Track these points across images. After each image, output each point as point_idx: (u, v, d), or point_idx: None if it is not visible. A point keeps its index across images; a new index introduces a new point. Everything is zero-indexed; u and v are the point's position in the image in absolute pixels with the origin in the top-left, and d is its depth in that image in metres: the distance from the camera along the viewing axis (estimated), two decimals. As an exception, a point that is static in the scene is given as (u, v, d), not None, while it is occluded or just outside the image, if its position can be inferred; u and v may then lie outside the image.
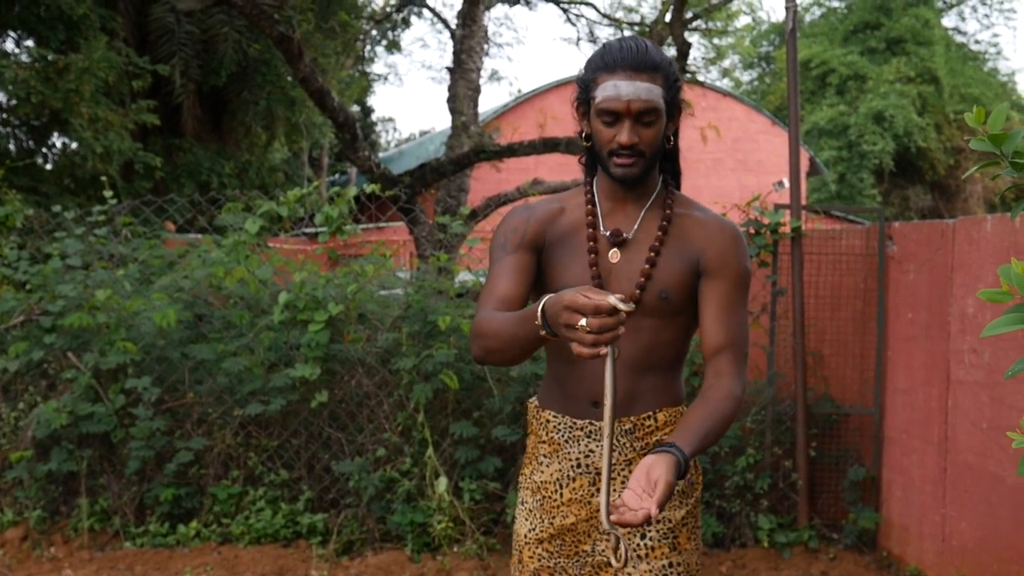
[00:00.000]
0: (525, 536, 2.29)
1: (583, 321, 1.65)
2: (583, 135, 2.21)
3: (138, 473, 5.28)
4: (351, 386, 5.36)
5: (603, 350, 1.67)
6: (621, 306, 1.64)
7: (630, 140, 2.10)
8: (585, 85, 2.17)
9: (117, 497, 5.29)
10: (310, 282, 5.37)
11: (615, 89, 2.08)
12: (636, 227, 2.21)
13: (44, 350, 5.34)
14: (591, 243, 2.20)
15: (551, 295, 1.77)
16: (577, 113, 2.23)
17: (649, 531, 2.19)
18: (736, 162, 18.97)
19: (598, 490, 2.20)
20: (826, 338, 5.60)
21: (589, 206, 2.24)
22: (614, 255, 2.20)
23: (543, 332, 1.79)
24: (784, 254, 5.48)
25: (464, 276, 5.94)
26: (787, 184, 18.56)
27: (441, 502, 5.08)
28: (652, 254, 2.17)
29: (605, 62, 2.12)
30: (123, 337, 5.30)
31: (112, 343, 5.27)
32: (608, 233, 2.21)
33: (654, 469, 1.83)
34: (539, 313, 1.77)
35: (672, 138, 2.23)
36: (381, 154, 23.46)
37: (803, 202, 5.98)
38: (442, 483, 5.08)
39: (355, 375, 5.36)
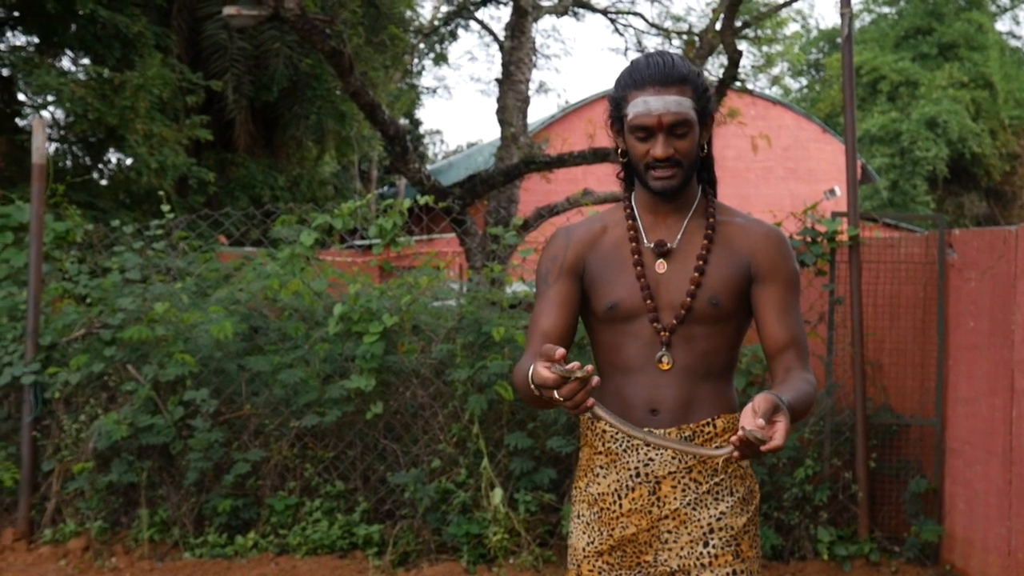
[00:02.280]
0: (583, 550, 2.29)
1: (555, 394, 1.87)
2: (619, 151, 2.27)
3: (196, 484, 5.33)
4: (406, 397, 5.38)
5: (590, 402, 1.90)
6: (578, 374, 1.85)
7: (665, 152, 2.15)
8: (617, 103, 2.23)
9: (176, 508, 5.35)
10: (364, 294, 5.40)
11: (645, 105, 2.14)
12: (680, 237, 2.25)
13: (104, 363, 5.42)
14: (636, 256, 2.24)
15: (532, 366, 1.94)
16: (612, 131, 2.28)
17: (712, 539, 2.20)
18: (787, 171, 18.80)
19: (658, 499, 2.22)
20: (885, 347, 5.51)
21: (630, 220, 2.29)
22: (660, 266, 2.24)
23: (543, 396, 1.94)
24: (841, 263, 5.42)
25: (517, 287, 5.93)
26: (839, 192, 18.36)
27: (496, 513, 5.07)
28: (700, 262, 2.21)
29: (634, 79, 2.18)
30: (181, 349, 5.36)
31: (170, 355, 5.33)
32: (652, 245, 2.25)
33: (762, 403, 1.88)
34: (531, 384, 1.93)
35: (706, 147, 2.27)
36: (430, 166, 23.57)
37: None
38: (497, 494, 5.07)
39: (410, 386, 5.37)
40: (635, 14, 13.43)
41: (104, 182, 12.80)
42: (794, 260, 2.27)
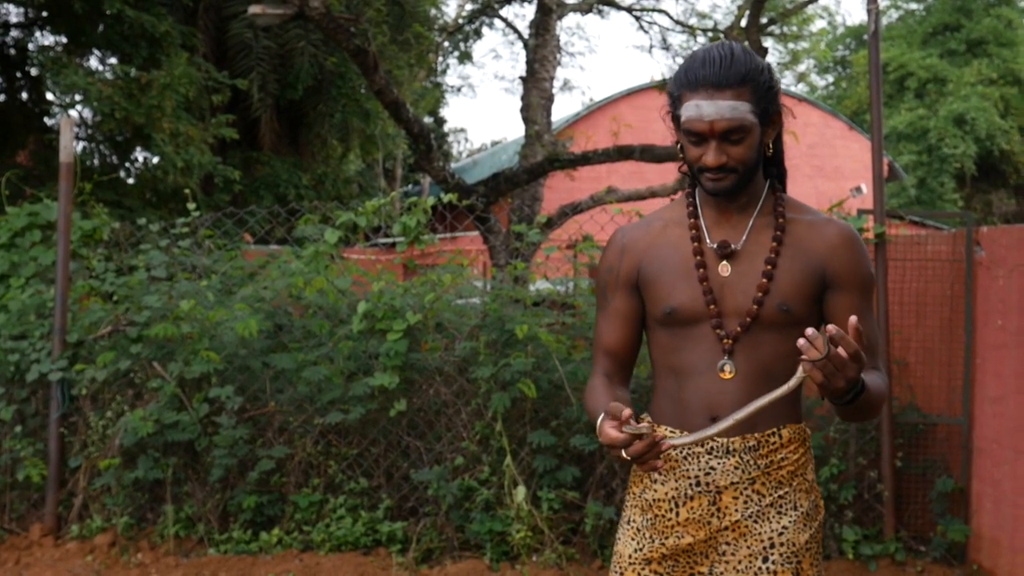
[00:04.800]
0: (630, 556, 2.18)
1: (623, 453, 1.85)
2: (679, 146, 2.13)
3: (221, 481, 5.36)
4: (429, 395, 5.38)
5: (659, 463, 1.89)
6: (644, 430, 1.84)
7: (716, 161, 2.03)
8: (673, 100, 2.10)
9: (201, 504, 5.38)
10: (388, 292, 5.41)
11: (697, 110, 2.01)
12: (745, 237, 2.12)
13: (131, 360, 5.46)
14: (698, 257, 2.12)
15: (600, 420, 1.94)
16: (672, 124, 2.15)
17: (772, 554, 2.09)
18: (813, 168, 18.70)
19: (718, 510, 2.11)
20: (911, 346, 5.47)
21: (692, 219, 2.17)
22: (724, 268, 2.11)
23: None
24: (867, 260, 5.37)
25: (541, 284, 5.92)
26: (865, 190, 18.23)
27: (520, 511, 5.06)
28: (768, 267, 2.08)
29: (688, 79, 2.04)
30: (206, 347, 5.39)
31: (196, 353, 5.37)
32: (716, 245, 2.12)
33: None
34: (598, 432, 1.94)
35: (772, 145, 2.13)
36: (454, 164, 23.61)
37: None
38: (520, 492, 5.07)
39: (433, 384, 5.38)
40: (660, 11, 13.41)
41: (131, 181, 12.89)
42: (870, 263, 2.16)
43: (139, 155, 13.09)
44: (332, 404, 5.32)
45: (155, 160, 12.23)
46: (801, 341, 1.77)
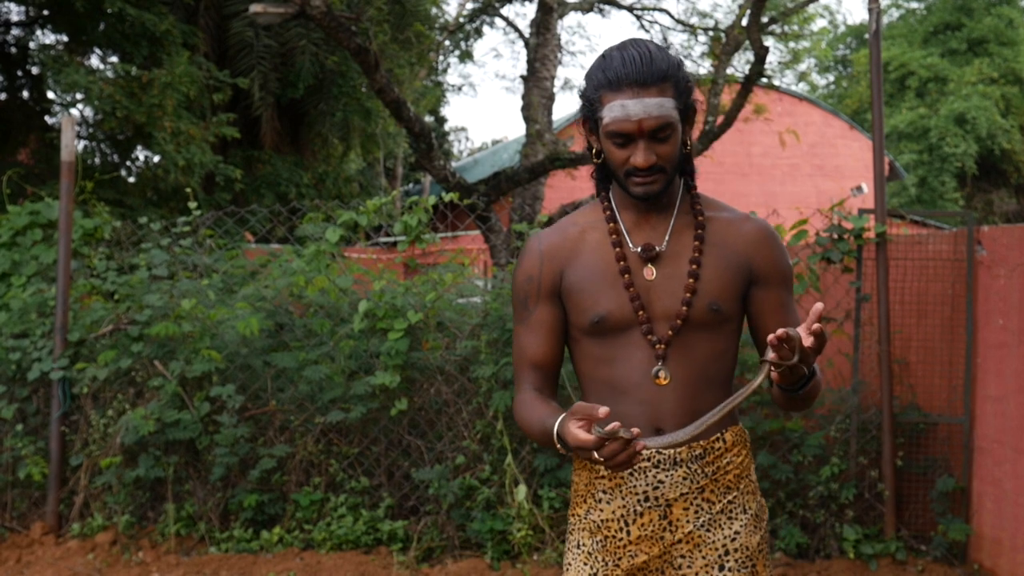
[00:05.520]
0: None
1: (595, 455, 1.74)
2: (593, 151, 2.08)
3: (223, 479, 5.36)
4: (430, 394, 5.39)
5: (636, 459, 1.77)
6: (622, 434, 1.72)
7: (647, 161, 1.96)
8: (590, 103, 2.02)
9: (202, 503, 5.38)
10: (389, 291, 5.41)
11: (623, 110, 1.94)
12: (667, 239, 2.07)
13: (132, 358, 5.46)
14: (622, 263, 2.05)
15: (560, 422, 1.82)
16: (584, 128, 2.10)
17: (728, 561, 2.07)
18: (813, 167, 18.70)
19: (670, 523, 2.07)
20: (912, 345, 5.47)
21: (611, 223, 2.10)
22: (649, 272, 2.05)
23: (568, 453, 1.85)
24: (868, 260, 5.38)
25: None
26: (866, 189, 18.21)
27: (520, 510, 5.07)
28: (694, 266, 2.04)
29: (608, 79, 1.97)
30: (207, 346, 5.39)
31: (197, 351, 5.37)
32: (639, 249, 2.07)
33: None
34: (556, 440, 1.83)
35: (688, 142, 2.08)
36: (455, 163, 23.61)
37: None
38: (521, 491, 5.07)
39: (434, 383, 5.38)
40: (661, 10, 13.39)
41: (132, 179, 12.90)
42: (788, 256, 2.14)
43: (140, 154, 13.10)
44: (333, 403, 5.33)
45: (156, 159, 12.25)
46: (771, 338, 1.76)
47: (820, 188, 18.09)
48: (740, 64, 12.08)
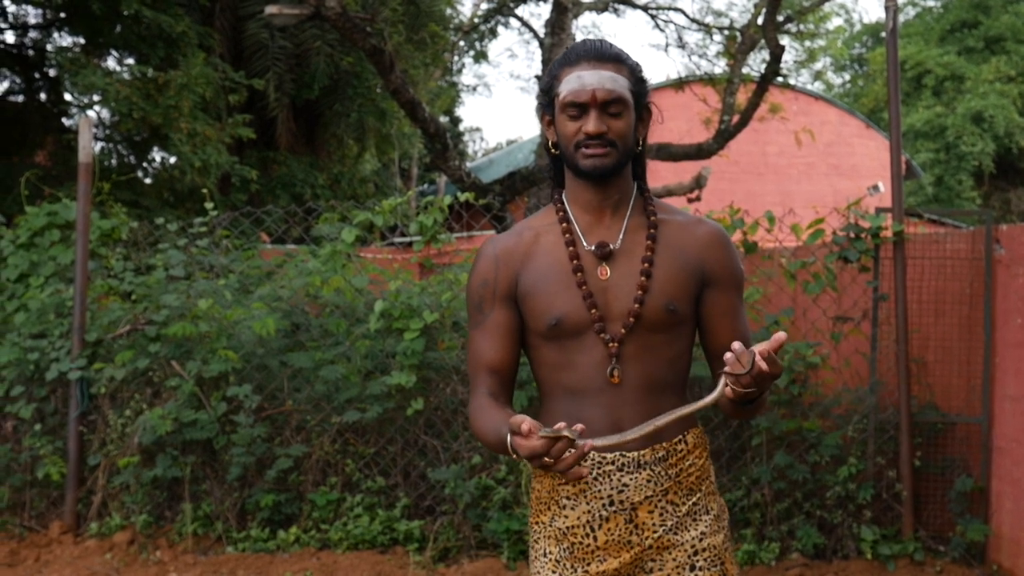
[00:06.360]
0: None
1: (546, 459, 1.72)
2: (550, 145, 2.10)
3: (240, 479, 5.38)
4: (446, 394, 5.39)
5: (583, 470, 1.78)
6: (565, 433, 1.71)
7: (597, 128, 1.99)
8: (549, 87, 2.08)
9: (219, 502, 5.40)
10: (405, 290, 5.42)
11: (579, 80, 2.00)
12: (621, 237, 2.08)
13: (149, 358, 5.48)
14: (575, 262, 2.05)
15: (510, 433, 1.78)
16: (543, 123, 2.13)
17: (698, 561, 2.08)
18: (829, 166, 18.61)
19: (636, 527, 2.07)
20: (930, 344, 5.44)
21: (564, 224, 2.10)
22: (603, 271, 2.05)
23: (523, 461, 1.83)
24: (886, 259, 5.35)
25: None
26: (883, 188, 18.09)
27: (537, 510, 5.05)
28: (646, 265, 2.04)
29: (568, 58, 2.05)
30: (224, 346, 5.41)
31: (214, 351, 5.39)
32: (594, 247, 2.07)
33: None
34: (511, 448, 1.79)
35: (641, 141, 2.11)
36: (469, 163, 23.61)
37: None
38: (537, 491, 5.06)
39: (450, 383, 5.38)
40: (676, 10, 13.36)
41: (148, 180, 12.95)
42: (740, 260, 2.15)
43: (156, 155, 13.14)
44: (349, 403, 5.34)
45: (172, 160, 12.28)
46: (728, 355, 1.78)
47: (836, 187, 18.00)
48: (756, 63, 12.06)
